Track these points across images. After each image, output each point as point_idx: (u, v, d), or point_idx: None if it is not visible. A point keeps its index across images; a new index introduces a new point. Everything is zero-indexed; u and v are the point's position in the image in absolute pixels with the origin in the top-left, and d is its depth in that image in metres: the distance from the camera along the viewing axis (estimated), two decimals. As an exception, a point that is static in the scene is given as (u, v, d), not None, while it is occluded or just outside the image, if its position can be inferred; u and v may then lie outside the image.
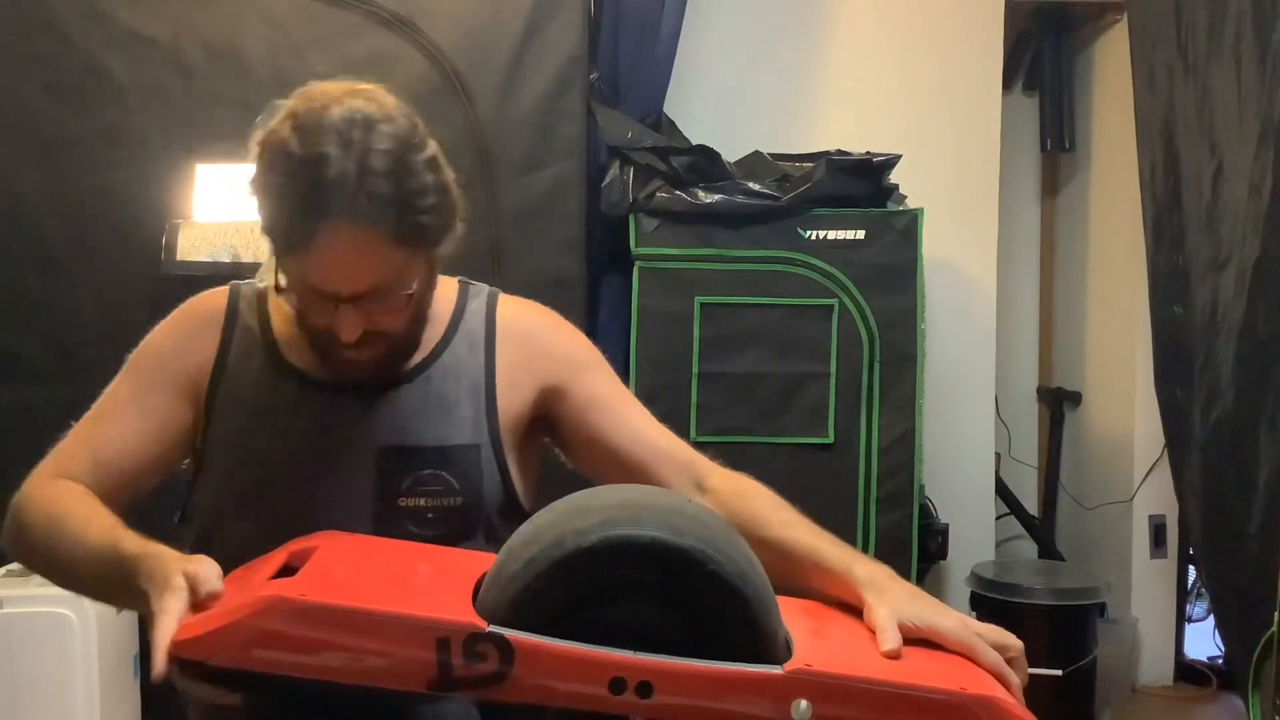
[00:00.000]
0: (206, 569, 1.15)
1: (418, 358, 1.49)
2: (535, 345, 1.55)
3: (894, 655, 1.17)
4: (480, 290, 1.60)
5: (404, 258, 1.35)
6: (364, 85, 1.47)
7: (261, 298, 1.52)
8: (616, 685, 1.06)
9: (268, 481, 1.42)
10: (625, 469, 1.50)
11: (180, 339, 1.52)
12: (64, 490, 1.43)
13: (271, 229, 1.34)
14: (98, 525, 1.33)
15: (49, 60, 2.99)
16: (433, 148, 1.42)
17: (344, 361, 1.41)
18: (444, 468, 1.44)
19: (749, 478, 1.58)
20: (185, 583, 1.14)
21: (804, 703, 1.07)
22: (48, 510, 1.40)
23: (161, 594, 1.14)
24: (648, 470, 1.51)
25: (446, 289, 1.56)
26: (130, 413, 1.49)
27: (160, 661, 1.08)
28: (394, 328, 1.40)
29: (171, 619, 1.10)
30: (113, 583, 1.26)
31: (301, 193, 1.30)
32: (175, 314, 1.56)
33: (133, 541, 1.27)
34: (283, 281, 1.38)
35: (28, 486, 1.47)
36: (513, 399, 1.51)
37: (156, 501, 1.52)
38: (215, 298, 1.54)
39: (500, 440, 1.49)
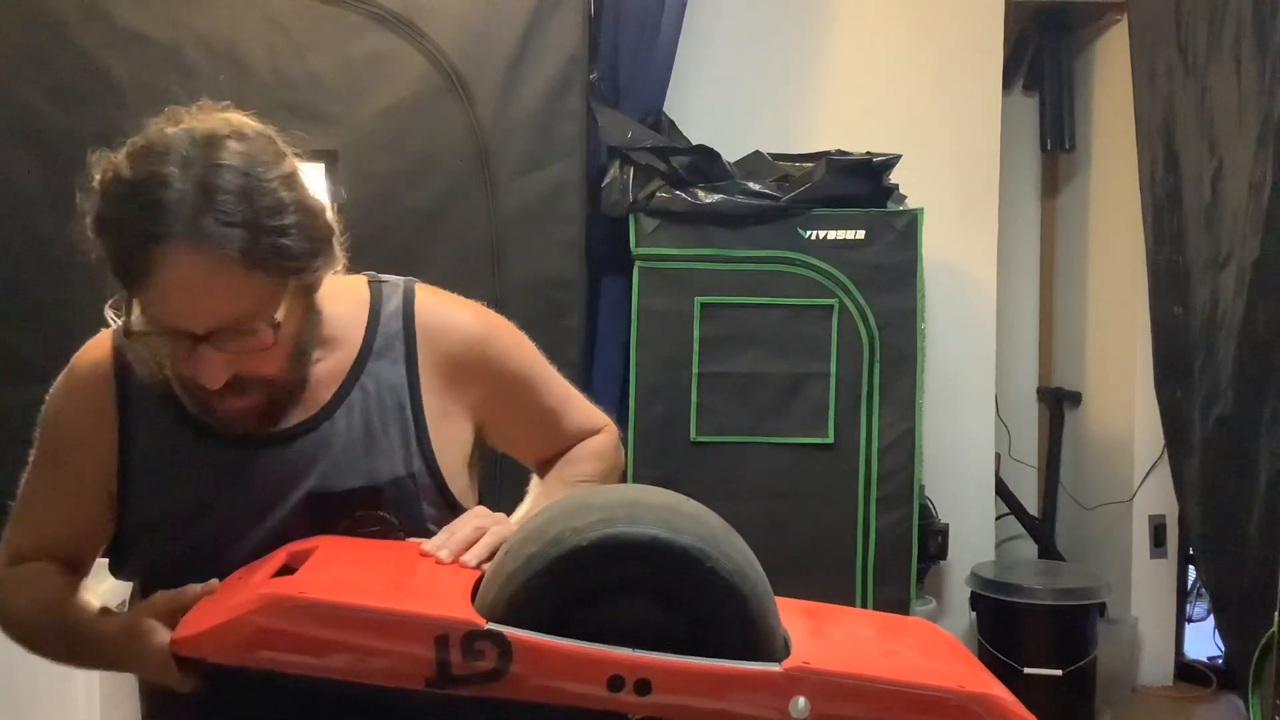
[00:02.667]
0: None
1: (334, 385, 1.36)
2: (477, 365, 1.43)
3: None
4: (395, 288, 1.45)
5: (261, 285, 1.20)
6: (221, 110, 1.35)
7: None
8: (615, 683, 1.06)
9: (200, 543, 1.32)
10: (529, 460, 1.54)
11: (75, 411, 1.41)
12: (31, 574, 1.40)
13: (114, 265, 1.23)
14: (81, 621, 1.36)
15: (49, 60, 2.99)
16: (290, 165, 1.28)
17: (219, 412, 1.27)
18: (378, 506, 1.34)
19: (601, 441, 1.57)
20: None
21: (802, 700, 1.07)
22: (27, 599, 1.40)
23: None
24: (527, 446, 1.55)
25: (355, 294, 1.43)
26: (54, 497, 1.41)
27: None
28: (266, 370, 1.25)
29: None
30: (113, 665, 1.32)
31: (136, 217, 1.19)
32: (63, 379, 1.45)
33: (112, 625, 1.30)
34: (137, 324, 1.25)
35: None
36: (447, 427, 1.41)
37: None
38: (98, 354, 1.42)
39: (435, 464, 1.39)
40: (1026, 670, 3.36)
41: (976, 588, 3.56)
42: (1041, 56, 4.17)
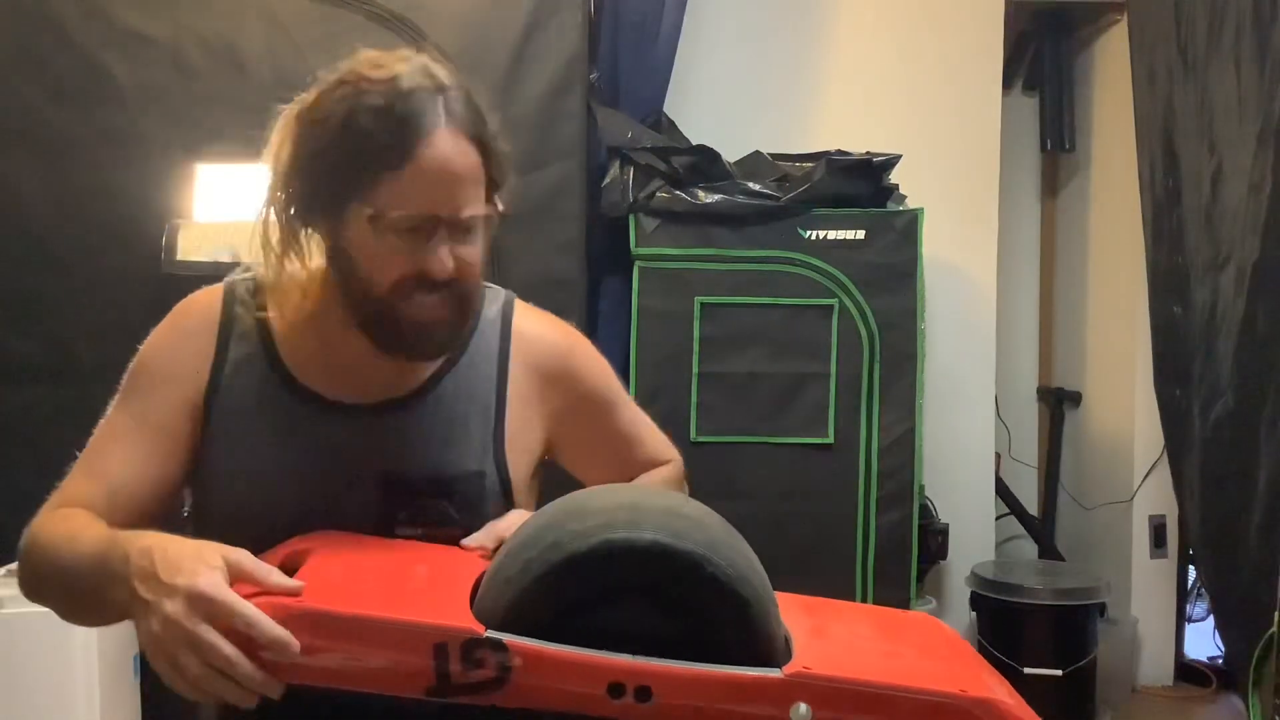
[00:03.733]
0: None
1: (424, 375, 1.42)
2: (560, 378, 1.49)
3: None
4: (496, 295, 1.51)
5: (483, 176, 1.34)
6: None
7: (259, 295, 1.42)
8: (615, 690, 1.06)
9: (268, 499, 1.36)
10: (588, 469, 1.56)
11: (172, 350, 1.44)
12: (68, 514, 1.35)
13: (346, 169, 1.28)
14: (95, 530, 1.27)
15: (49, 60, 2.98)
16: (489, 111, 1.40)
17: (412, 321, 1.32)
18: (445, 497, 1.38)
19: (661, 469, 1.62)
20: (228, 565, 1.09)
21: (803, 706, 1.07)
22: (57, 535, 1.33)
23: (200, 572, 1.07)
24: (598, 467, 1.56)
25: None
26: (133, 436, 1.40)
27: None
28: (468, 278, 1.34)
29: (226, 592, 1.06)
30: (109, 574, 1.16)
31: (390, 112, 1.27)
32: (166, 321, 1.48)
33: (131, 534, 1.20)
34: (349, 239, 1.31)
35: (34, 524, 1.39)
36: (523, 434, 1.46)
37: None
38: (208, 299, 1.46)
39: (506, 467, 1.43)
40: (1026, 670, 3.36)
41: (976, 588, 3.56)
42: (1041, 56, 4.17)
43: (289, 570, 1.18)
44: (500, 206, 1.40)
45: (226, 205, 3.02)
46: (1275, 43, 2.58)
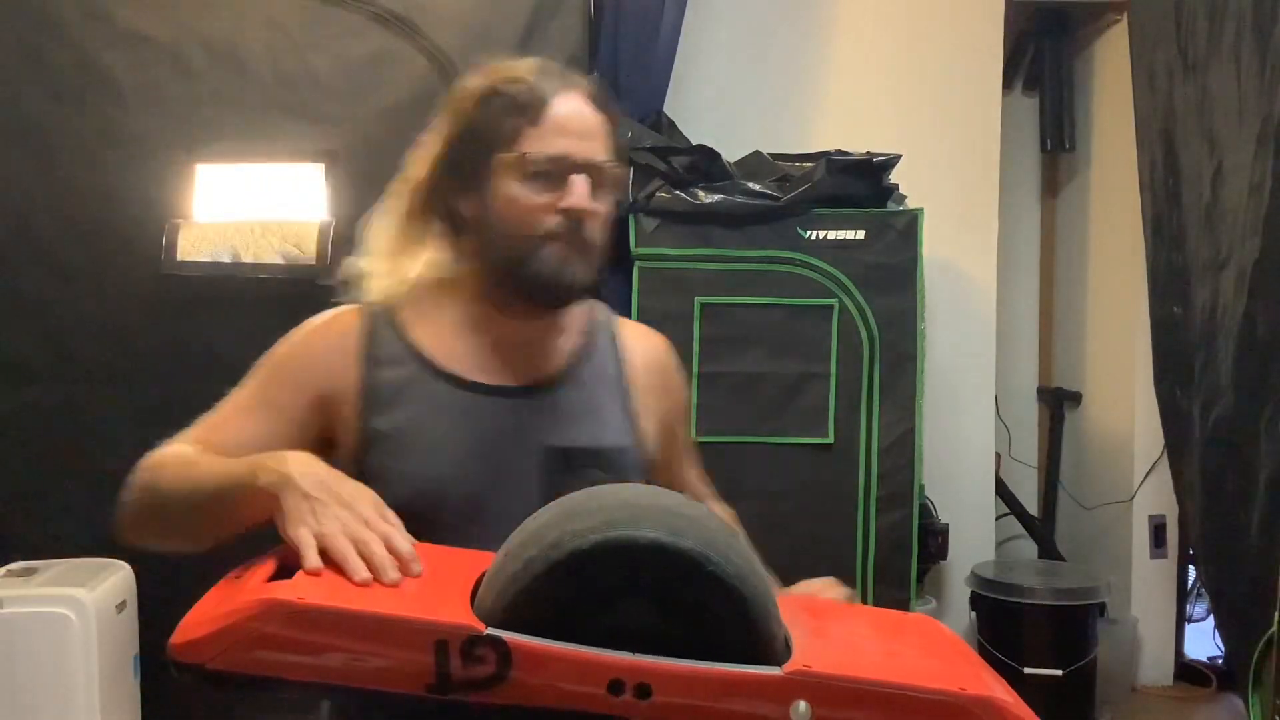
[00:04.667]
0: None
1: (562, 361, 1.54)
2: (664, 381, 1.65)
3: None
4: (601, 307, 1.65)
5: (609, 144, 1.48)
6: None
7: (389, 309, 1.53)
8: (615, 687, 1.06)
9: (439, 484, 1.43)
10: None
11: (314, 348, 1.53)
12: (180, 448, 1.48)
13: (492, 130, 1.45)
14: (217, 457, 1.40)
15: (49, 60, 2.98)
16: None
17: (554, 257, 1.44)
18: (602, 468, 1.47)
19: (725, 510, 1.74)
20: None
21: (803, 704, 1.07)
22: (181, 456, 1.46)
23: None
24: None
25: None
26: (255, 413, 1.50)
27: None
28: (598, 223, 1.46)
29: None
30: (252, 475, 1.29)
31: (526, 81, 1.46)
32: (306, 325, 1.57)
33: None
34: (495, 194, 1.45)
35: (146, 460, 1.49)
36: (646, 419, 1.59)
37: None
38: (348, 313, 1.56)
39: (644, 445, 1.56)
40: (1026, 670, 3.36)
41: (976, 588, 3.56)
42: (1041, 56, 4.17)
43: (290, 568, 1.18)
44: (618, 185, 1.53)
45: (226, 205, 3.03)
46: (1275, 43, 2.58)
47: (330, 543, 1.19)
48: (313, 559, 1.18)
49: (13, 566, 2.76)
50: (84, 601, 2.60)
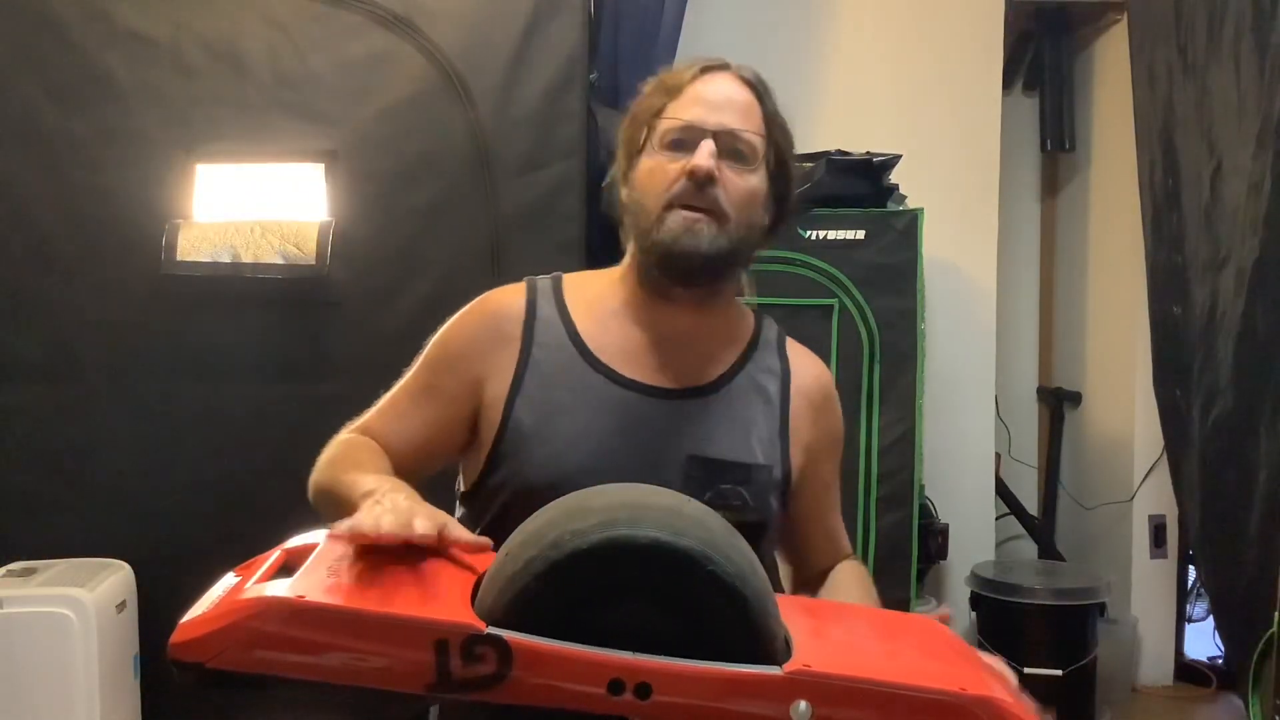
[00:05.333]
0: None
1: (721, 368, 1.53)
2: (821, 411, 1.61)
3: None
4: (772, 324, 1.66)
5: (758, 120, 1.48)
6: None
7: (558, 289, 1.57)
8: (615, 686, 1.06)
9: (576, 474, 1.39)
10: (795, 537, 1.62)
11: (476, 333, 1.55)
12: (358, 442, 1.53)
13: (645, 111, 1.50)
14: (364, 466, 1.44)
15: (49, 60, 2.98)
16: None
17: (680, 218, 1.44)
18: (743, 484, 1.46)
19: (861, 565, 1.69)
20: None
21: (803, 704, 1.07)
22: (341, 453, 1.51)
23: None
24: (807, 548, 1.64)
25: (747, 313, 1.65)
26: (419, 399, 1.54)
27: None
28: (733, 196, 1.45)
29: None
30: (355, 494, 1.33)
31: (683, 65, 1.51)
32: (472, 307, 1.58)
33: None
34: (638, 162, 1.49)
35: (337, 439, 1.56)
36: (797, 445, 1.56)
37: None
38: (512, 293, 1.57)
39: (790, 466, 1.53)
40: (1026, 670, 3.35)
41: (976, 588, 3.56)
42: (1041, 56, 4.17)
43: (291, 567, 1.18)
44: (779, 179, 1.53)
45: (226, 205, 3.03)
46: (1275, 42, 2.58)
47: (379, 515, 1.19)
48: (342, 527, 1.18)
49: (13, 566, 2.76)
50: (84, 601, 2.60)
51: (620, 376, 1.49)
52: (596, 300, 1.56)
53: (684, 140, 1.46)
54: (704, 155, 1.43)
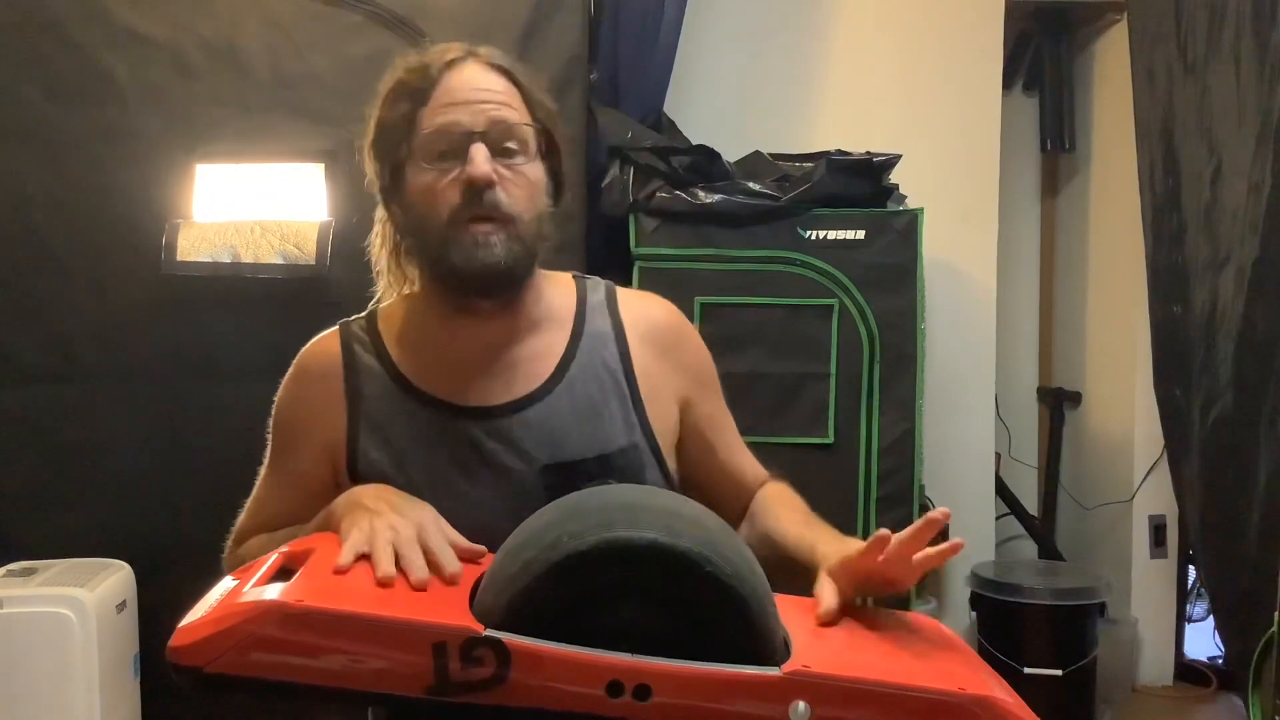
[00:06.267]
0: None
1: (551, 361, 1.46)
2: (671, 353, 1.54)
3: (829, 618, 1.24)
4: (597, 284, 1.57)
5: (521, 107, 1.40)
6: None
7: (372, 329, 1.50)
8: (614, 688, 1.06)
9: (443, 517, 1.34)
10: (700, 485, 1.55)
11: (303, 402, 1.50)
12: (252, 541, 1.51)
13: (394, 125, 1.39)
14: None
15: (49, 60, 2.98)
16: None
17: (467, 236, 1.36)
18: (608, 474, 1.40)
19: (783, 484, 1.66)
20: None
21: (802, 704, 1.07)
22: (253, 548, 1.47)
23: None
24: (714, 492, 1.56)
25: (564, 284, 1.55)
26: (282, 488, 1.50)
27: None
28: (517, 195, 1.37)
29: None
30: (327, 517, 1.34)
31: (422, 62, 1.40)
32: (292, 373, 1.53)
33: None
34: (409, 190, 1.39)
35: (232, 556, 1.53)
36: (658, 404, 1.49)
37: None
38: (327, 345, 1.51)
39: (654, 437, 1.47)
40: (1026, 670, 3.36)
41: (976, 588, 3.55)
42: (1041, 56, 4.17)
43: (289, 571, 1.18)
44: (553, 149, 1.45)
45: (226, 205, 3.03)
46: (1275, 42, 2.58)
47: (373, 545, 1.20)
48: (345, 557, 1.18)
49: (13, 566, 2.76)
50: (84, 601, 2.60)
51: (451, 405, 1.42)
52: (409, 330, 1.48)
53: (450, 149, 1.36)
54: (479, 162, 1.34)
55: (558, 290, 1.53)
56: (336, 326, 1.53)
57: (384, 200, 1.45)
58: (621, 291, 1.57)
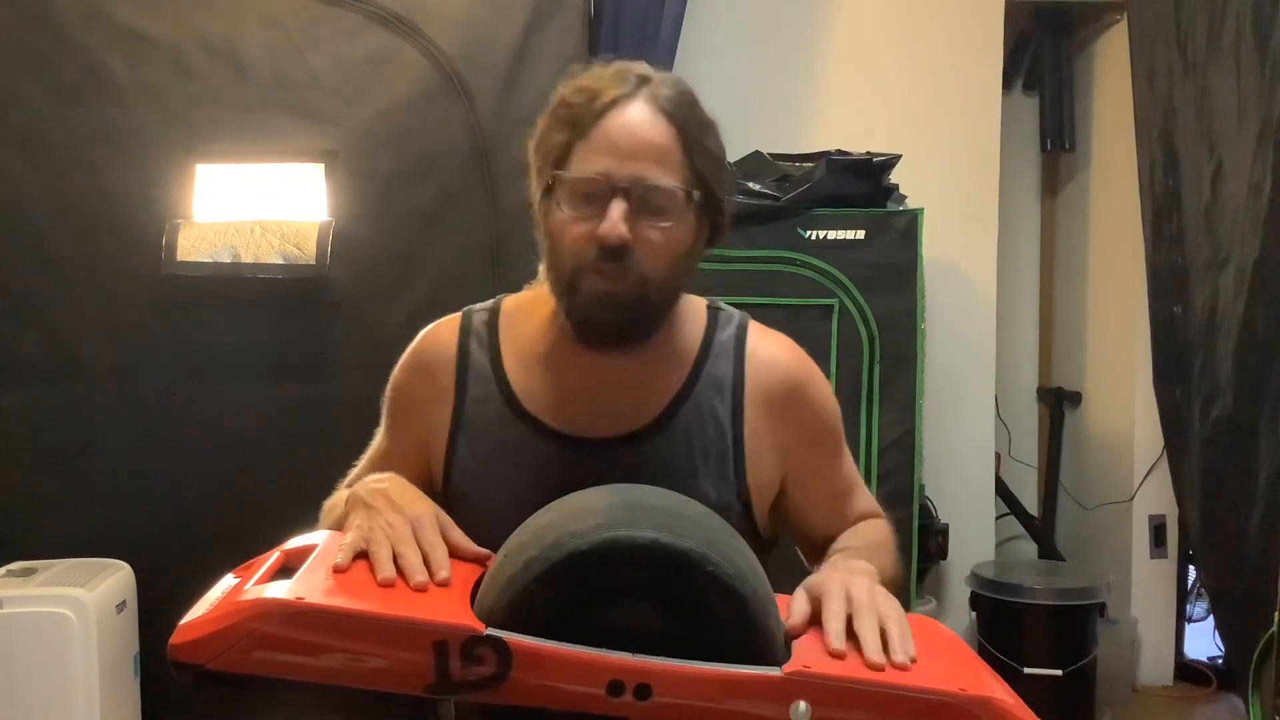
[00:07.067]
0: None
1: (662, 402, 1.40)
2: (789, 410, 1.46)
3: (793, 630, 1.18)
4: (730, 319, 1.50)
5: (678, 166, 1.34)
6: None
7: (493, 325, 1.48)
8: (615, 687, 1.06)
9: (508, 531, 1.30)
10: (797, 536, 1.54)
11: (412, 388, 1.50)
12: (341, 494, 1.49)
13: (551, 145, 1.36)
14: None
15: (49, 60, 2.98)
16: (715, 122, 1.42)
17: (590, 291, 1.33)
18: None
19: (875, 520, 1.61)
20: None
21: (803, 704, 1.07)
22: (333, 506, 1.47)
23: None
24: (809, 543, 1.54)
25: (694, 315, 1.49)
26: (387, 456, 1.50)
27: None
28: (652, 255, 1.33)
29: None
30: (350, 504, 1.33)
31: (590, 89, 1.35)
32: (408, 356, 1.53)
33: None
34: (552, 203, 1.36)
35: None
36: (761, 464, 1.43)
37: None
38: (446, 335, 1.49)
39: (750, 500, 1.41)
40: (1026, 670, 3.36)
41: (976, 588, 3.55)
42: (1041, 56, 4.17)
43: (290, 569, 1.18)
44: (712, 204, 1.40)
45: (226, 205, 3.03)
46: (1276, 42, 2.58)
47: (370, 545, 1.20)
48: (343, 558, 1.18)
49: (13, 566, 2.76)
50: (84, 601, 2.60)
51: (550, 430, 1.39)
52: (528, 341, 1.45)
53: (593, 195, 1.32)
54: (614, 221, 1.29)
55: (687, 323, 1.47)
56: (460, 313, 1.52)
57: (537, 206, 1.42)
58: (753, 330, 1.50)
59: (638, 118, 1.34)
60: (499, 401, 1.42)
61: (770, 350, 1.48)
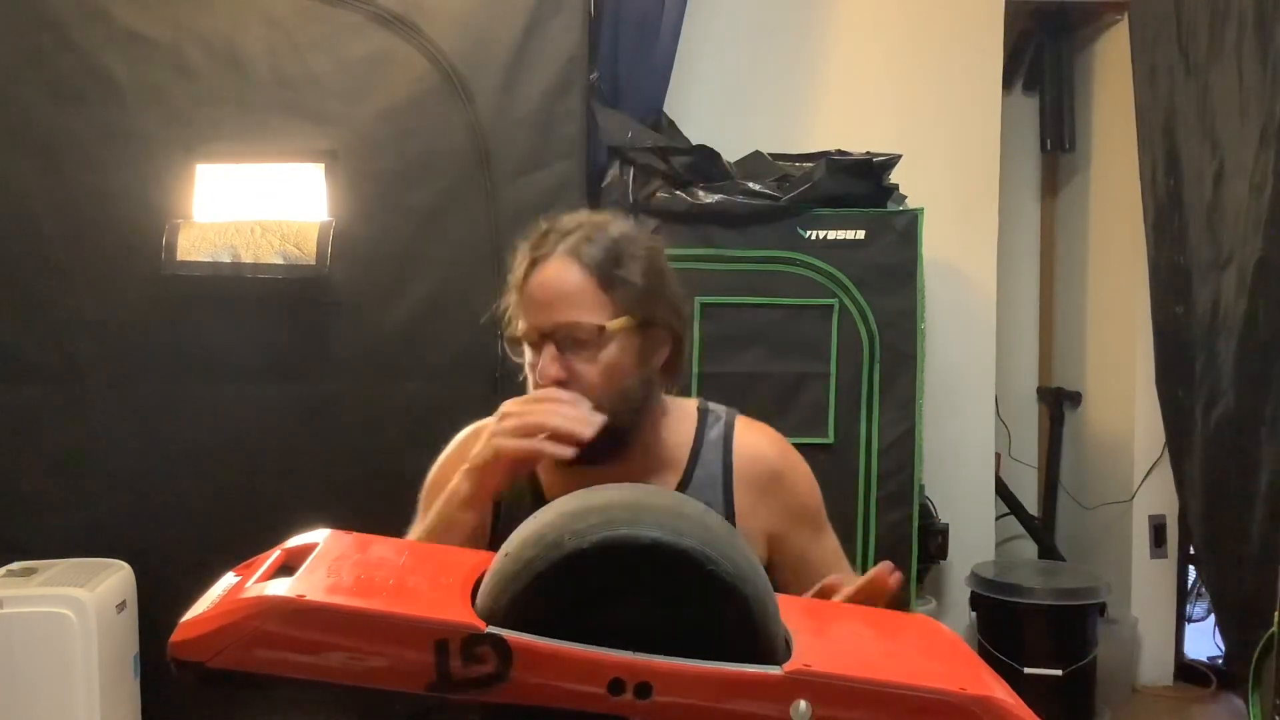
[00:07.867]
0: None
1: None
2: (771, 491, 1.62)
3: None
4: (718, 418, 1.66)
5: (593, 298, 1.50)
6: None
7: None
8: (615, 686, 1.06)
9: None
10: None
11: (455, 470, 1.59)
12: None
13: (508, 297, 1.56)
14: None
15: (49, 60, 2.98)
16: (657, 247, 1.59)
17: None
18: None
19: None
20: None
21: (803, 703, 1.07)
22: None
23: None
24: None
25: (686, 418, 1.65)
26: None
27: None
28: (588, 376, 1.50)
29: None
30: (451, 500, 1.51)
31: (530, 245, 1.55)
32: (451, 453, 1.67)
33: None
34: (514, 334, 1.55)
35: None
36: (748, 542, 1.50)
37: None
38: (477, 438, 1.60)
39: None
40: (1026, 670, 3.36)
41: (976, 588, 3.56)
42: (1041, 56, 4.17)
43: (291, 567, 1.18)
44: (646, 313, 1.54)
45: (226, 205, 3.03)
46: (1277, 42, 2.58)
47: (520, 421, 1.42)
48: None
49: (13, 566, 2.76)
50: (84, 601, 2.60)
51: None
52: None
53: (534, 343, 1.52)
54: (545, 364, 1.50)
55: (677, 426, 1.63)
56: (489, 419, 1.63)
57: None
58: (740, 424, 1.66)
59: (551, 272, 1.52)
60: (530, 498, 1.56)
61: (754, 442, 1.66)
